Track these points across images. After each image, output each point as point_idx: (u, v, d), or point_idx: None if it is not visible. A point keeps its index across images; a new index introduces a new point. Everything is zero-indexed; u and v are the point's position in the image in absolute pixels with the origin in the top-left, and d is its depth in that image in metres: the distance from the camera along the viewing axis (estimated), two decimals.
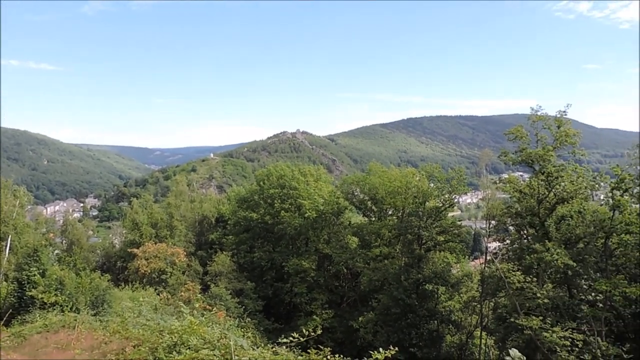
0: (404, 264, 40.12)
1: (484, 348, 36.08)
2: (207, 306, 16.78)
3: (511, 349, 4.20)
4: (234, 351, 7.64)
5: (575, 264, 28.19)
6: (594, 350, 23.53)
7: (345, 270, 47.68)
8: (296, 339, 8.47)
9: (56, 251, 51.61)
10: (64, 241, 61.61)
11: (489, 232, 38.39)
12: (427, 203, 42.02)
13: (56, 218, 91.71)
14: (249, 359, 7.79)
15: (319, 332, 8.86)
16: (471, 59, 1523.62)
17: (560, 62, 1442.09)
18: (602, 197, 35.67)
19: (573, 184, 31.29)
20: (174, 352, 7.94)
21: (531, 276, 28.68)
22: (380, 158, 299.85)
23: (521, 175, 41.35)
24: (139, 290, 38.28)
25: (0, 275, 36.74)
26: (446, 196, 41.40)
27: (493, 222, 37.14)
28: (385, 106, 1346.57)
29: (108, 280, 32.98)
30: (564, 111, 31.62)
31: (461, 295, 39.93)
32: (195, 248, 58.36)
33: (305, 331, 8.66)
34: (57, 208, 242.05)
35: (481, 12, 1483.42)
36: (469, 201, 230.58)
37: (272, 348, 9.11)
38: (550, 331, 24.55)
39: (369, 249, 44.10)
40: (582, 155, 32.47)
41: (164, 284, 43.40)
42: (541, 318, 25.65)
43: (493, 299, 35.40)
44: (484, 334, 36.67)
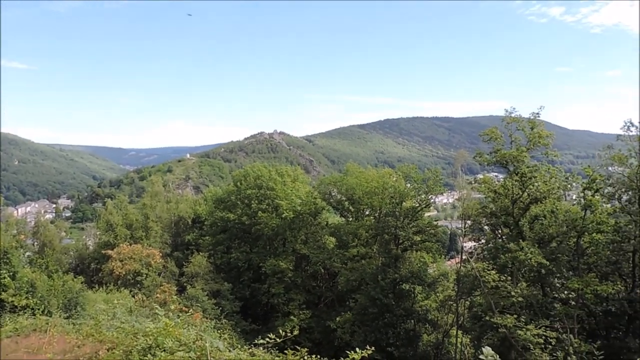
0: (381, 263, 40.33)
1: (459, 347, 36.47)
2: (183, 308, 16.58)
3: (485, 347, 4.20)
4: (210, 353, 7.56)
5: (548, 263, 28.70)
6: (566, 348, 23.95)
7: (323, 271, 47.71)
8: (273, 340, 8.43)
9: (27, 253, 50.35)
10: (35, 243, 60.23)
11: (465, 231, 38.81)
12: (403, 203, 42.33)
13: (27, 219, 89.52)
14: None
15: (296, 332, 8.82)
16: (447, 61, 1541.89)
17: (533, 64, 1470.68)
18: (574, 197, 36.36)
19: (546, 184, 31.84)
20: (148, 355, 7.82)
21: (506, 275, 29.10)
22: (357, 159, 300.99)
23: (496, 176, 41.91)
24: (114, 292, 37.62)
25: None
26: (422, 196, 41.77)
27: (468, 221, 37.56)
28: (362, 107, 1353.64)
29: (81, 283, 32.29)
30: (537, 113, 32.19)
31: (437, 294, 40.32)
32: (172, 249, 57.71)
33: (282, 332, 8.63)
34: (28, 209, 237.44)
35: (456, 13, 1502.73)
36: (445, 201, 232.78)
37: (248, 349, 9.05)
38: (524, 329, 24.95)
39: (346, 249, 44.20)
40: (554, 156, 33.08)
41: (139, 285, 42.80)
42: (515, 316, 26.04)
43: (468, 298, 35.81)
44: (459, 332, 37.06)
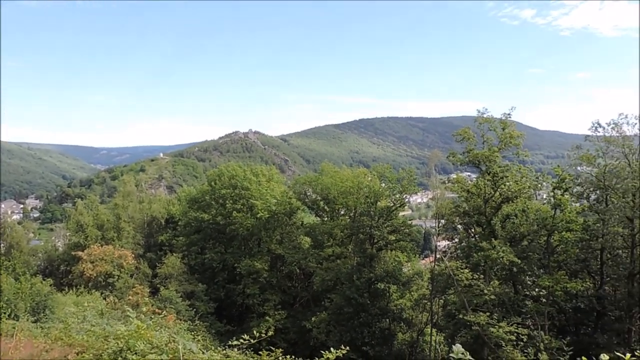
0: (356, 263, 40.48)
1: (434, 345, 36.81)
2: (157, 310, 16.37)
3: (455, 344, 4.19)
4: (182, 355, 7.44)
5: (519, 261, 29.21)
6: (537, 344, 24.43)
7: (298, 271, 47.63)
8: (247, 341, 8.35)
9: None
10: (2, 244, 58.73)
11: (439, 231, 39.22)
12: (378, 203, 42.58)
13: None
14: None
15: (271, 333, 8.76)
16: (421, 61, 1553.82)
17: (506, 66, 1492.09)
18: (544, 197, 37.11)
19: (517, 183, 32.40)
20: (119, 358, 7.65)
21: (478, 273, 29.51)
22: (332, 158, 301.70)
23: (469, 176, 42.45)
24: (84, 294, 36.85)
25: None
26: (397, 196, 42.11)
27: (442, 221, 37.95)
28: (338, 107, 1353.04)
29: (50, 285, 31.55)
30: (509, 114, 32.74)
31: (412, 293, 40.64)
32: (144, 250, 56.90)
33: (256, 333, 8.56)
34: None
35: (430, 13, 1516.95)
36: (419, 201, 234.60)
37: (222, 350, 8.95)
38: (496, 326, 25.34)
39: (321, 248, 44.21)
40: (525, 156, 33.70)
41: (110, 287, 42.05)
42: (488, 314, 26.43)
43: (443, 296, 36.22)
44: (434, 330, 37.41)
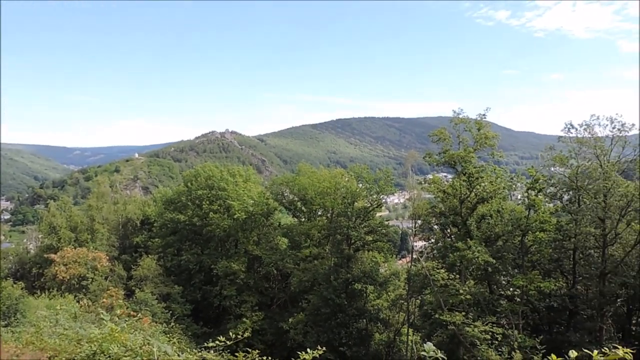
0: (333, 264, 40.53)
1: (410, 345, 37.06)
2: (132, 312, 16.12)
3: (426, 342, 4.22)
4: (157, 357, 7.34)
5: (494, 261, 29.59)
6: (511, 343, 24.77)
7: (275, 272, 47.48)
8: (223, 343, 8.28)
9: None
10: None
11: (415, 231, 39.50)
12: (355, 203, 42.70)
13: None
14: None
15: (248, 334, 8.71)
16: (397, 61, 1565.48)
17: (481, 66, 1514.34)
18: (519, 197, 37.69)
19: (492, 184, 32.80)
20: None
21: (454, 273, 29.79)
22: (309, 159, 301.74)
23: (445, 176, 42.84)
24: (57, 298, 36.19)
25: None
26: (374, 196, 42.27)
27: (419, 221, 38.23)
28: (315, 107, 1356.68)
29: (22, 289, 30.83)
30: (484, 114, 33.15)
31: (389, 293, 40.89)
32: (119, 252, 56.18)
33: (232, 334, 8.50)
34: None
35: (407, 13, 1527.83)
36: (396, 201, 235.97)
37: (198, 353, 8.85)
38: (472, 326, 25.62)
39: (298, 249, 44.17)
40: (500, 156, 34.17)
41: (84, 290, 41.40)
42: (464, 313, 26.72)
43: (419, 296, 36.51)
44: (410, 330, 37.69)
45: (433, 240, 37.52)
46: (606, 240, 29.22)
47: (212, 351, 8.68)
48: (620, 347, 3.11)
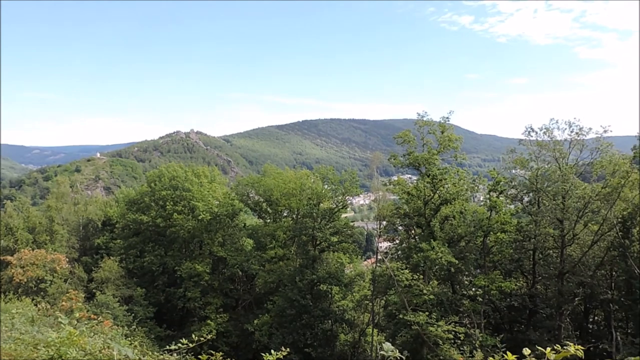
0: (298, 265, 40.49)
1: (375, 345, 37.32)
2: (92, 315, 15.72)
3: (385, 343, 4.25)
4: None
5: (457, 262, 30.10)
6: (473, 342, 25.23)
7: (241, 273, 47.12)
8: (185, 345, 8.14)
9: None
10: None
11: (380, 232, 39.82)
12: (321, 204, 42.77)
13: None
14: None
15: (210, 337, 8.59)
16: (364, 63, 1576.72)
17: (446, 70, 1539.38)
18: (481, 199, 38.47)
19: (455, 186, 33.37)
20: None
21: (418, 274, 30.17)
22: (275, 160, 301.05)
23: (410, 178, 43.36)
24: (14, 301, 34.95)
25: None
26: (339, 197, 42.42)
27: (384, 222, 38.55)
28: (281, 108, 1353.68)
29: None
30: (447, 117, 33.69)
31: (354, 294, 41.08)
32: (79, 254, 54.80)
33: (194, 337, 8.37)
34: None
35: (373, 15, 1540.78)
36: (361, 202, 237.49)
37: (160, 356, 8.68)
38: (435, 325, 26.01)
39: (264, 250, 43.97)
40: (463, 159, 34.78)
41: (42, 293, 40.19)
42: (427, 313, 27.09)
43: (384, 297, 36.77)
44: (375, 331, 37.93)
45: (397, 241, 37.92)
46: (564, 241, 30.10)
47: (174, 354, 8.54)
48: (572, 344, 3.18)
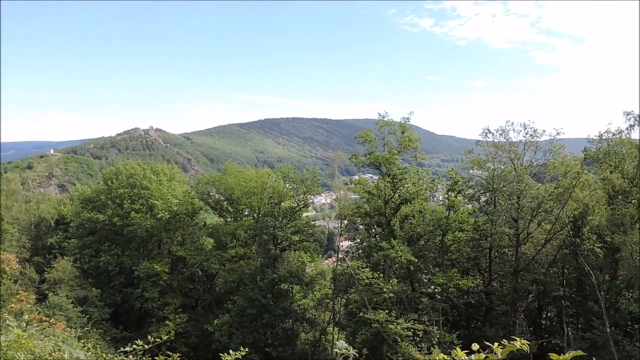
0: (259, 264, 40.30)
1: (336, 343, 37.51)
2: (44, 318, 15.20)
3: (339, 341, 4.29)
4: None
5: (417, 260, 30.59)
6: (432, 339, 25.69)
7: (200, 273, 46.58)
8: (140, 347, 7.96)
9: None
10: None
11: (341, 231, 40.06)
12: (282, 203, 42.72)
13: None
14: None
15: (167, 337, 8.42)
16: (326, 62, 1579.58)
17: (408, 71, 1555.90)
18: (440, 198, 39.18)
19: (415, 185, 33.90)
20: None
21: (378, 272, 30.50)
22: (237, 158, 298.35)
23: (371, 177, 43.75)
24: None
25: None
26: (301, 196, 42.46)
27: (345, 221, 38.79)
28: (243, 106, 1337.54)
29: None
30: (408, 118, 34.21)
31: (315, 293, 41.20)
32: (31, 254, 53.01)
33: (150, 338, 8.20)
34: None
35: (335, 16, 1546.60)
36: (323, 201, 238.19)
37: (114, 358, 8.47)
38: (395, 323, 26.34)
39: (224, 250, 43.56)
40: (423, 159, 35.39)
41: None
42: (387, 311, 27.40)
43: (344, 296, 37.02)
44: (336, 329, 38.14)
45: (358, 240, 38.21)
46: (519, 240, 31.00)
47: (130, 356, 8.34)
48: (518, 339, 3.28)
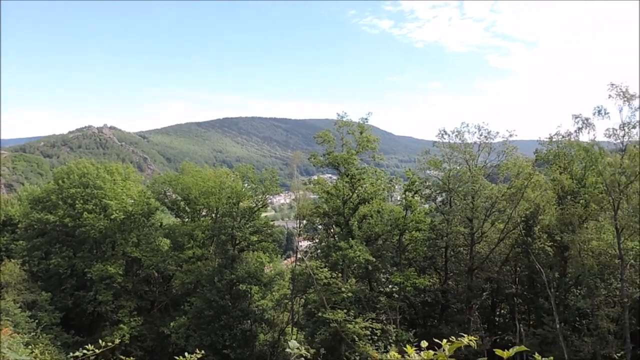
0: (217, 265, 39.85)
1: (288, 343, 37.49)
2: None
3: (291, 341, 4.28)
4: None
5: (375, 260, 30.90)
6: (389, 338, 25.99)
7: (156, 274, 45.69)
8: (91, 351, 7.71)
9: None
10: None
11: (300, 231, 40.08)
12: (241, 203, 42.36)
13: None
14: None
15: (118, 341, 8.22)
16: (286, 62, 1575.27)
17: (367, 72, 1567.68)
18: (397, 198, 39.73)
19: (373, 185, 34.26)
20: None
21: (337, 272, 30.65)
22: (195, 157, 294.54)
23: (330, 177, 43.92)
24: None
25: None
26: (259, 196, 42.23)
27: (304, 221, 38.83)
28: (201, 105, 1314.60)
29: None
30: (366, 119, 34.56)
31: (274, 293, 41.07)
32: None
33: (102, 342, 7.96)
34: None
35: (294, 17, 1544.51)
36: (282, 201, 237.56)
37: None
38: (353, 322, 26.50)
39: (181, 250, 42.85)
40: (381, 159, 35.79)
41: None
42: (345, 311, 27.55)
43: (303, 296, 37.06)
44: (294, 329, 38.12)
45: (317, 240, 38.32)
46: (474, 239, 31.75)
47: None
48: (465, 335, 3.36)
